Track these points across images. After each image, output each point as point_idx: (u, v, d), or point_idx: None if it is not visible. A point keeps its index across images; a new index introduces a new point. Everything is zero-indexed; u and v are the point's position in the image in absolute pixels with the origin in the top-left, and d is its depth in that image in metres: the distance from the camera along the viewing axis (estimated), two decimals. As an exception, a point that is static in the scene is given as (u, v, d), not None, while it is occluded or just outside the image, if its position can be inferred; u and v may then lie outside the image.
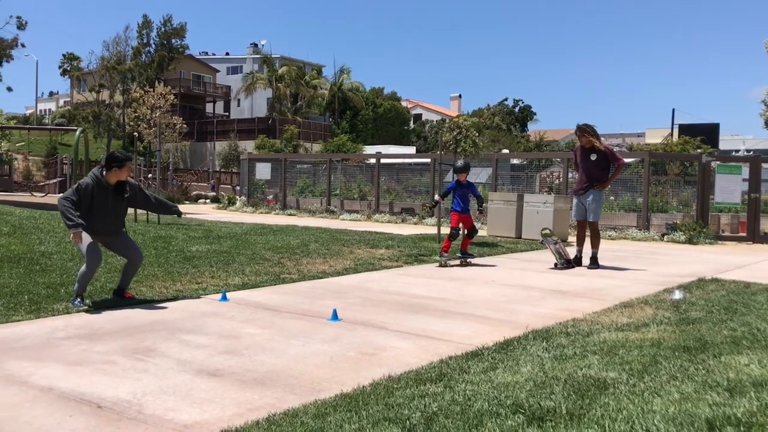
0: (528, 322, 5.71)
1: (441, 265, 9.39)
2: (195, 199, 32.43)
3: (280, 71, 57.49)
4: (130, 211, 6.83)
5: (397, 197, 22.59)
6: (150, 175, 30.16)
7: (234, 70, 69.45)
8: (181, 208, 10.95)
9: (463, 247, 9.91)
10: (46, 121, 70.28)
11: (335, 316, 5.78)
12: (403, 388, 3.72)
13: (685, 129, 41.23)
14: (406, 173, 24.61)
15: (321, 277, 8.22)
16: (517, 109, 69.92)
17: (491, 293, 7.37)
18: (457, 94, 76.95)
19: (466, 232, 9.92)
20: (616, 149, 11.24)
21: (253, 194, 25.58)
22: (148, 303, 6.31)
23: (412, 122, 66.54)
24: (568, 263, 9.68)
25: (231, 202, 26.20)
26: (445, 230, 12.32)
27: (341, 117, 60.78)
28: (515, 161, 25.27)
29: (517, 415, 3.03)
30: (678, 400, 3.17)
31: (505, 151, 35.73)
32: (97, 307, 6.03)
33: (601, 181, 9.78)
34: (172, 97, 14.54)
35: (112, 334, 5.13)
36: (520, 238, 14.46)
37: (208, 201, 31.96)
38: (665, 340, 4.64)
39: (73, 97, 67.14)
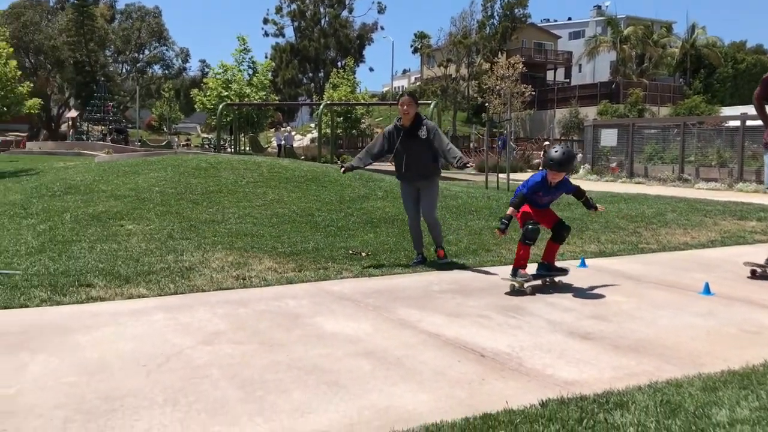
0: None
1: (514, 291, 5.50)
2: (536, 168, 32.82)
3: (625, 32, 54.63)
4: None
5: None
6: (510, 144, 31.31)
7: (575, 35, 67.96)
8: (524, 176, 11.07)
9: (547, 257, 5.84)
10: (401, 97, 76.89)
11: (707, 290, 5.40)
12: (805, 372, 3.34)
13: None
14: (776, 137, 21.61)
15: (683, 249, 7.74)
16: None
17: None
18: (843, 42, 64.90)
19: (552, 232, 5.85)
20: None
21: (597, 162, 24.94)
22: (508, 265, 6.60)
23: (782, 78, 57.95)
24: None
25: (574, 170, 25.93)
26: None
27: (693, 77, 55.63)
28: None
29: None
30: None
31: None
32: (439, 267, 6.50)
33: None
34: (520, 65, 14.78)
35: (480, 291, 5.49)
36: None
37: (549, 169, 32.08)
38: None
39: (422, 73, 72.38)
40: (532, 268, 5.70)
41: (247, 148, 34.25)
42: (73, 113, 53.64)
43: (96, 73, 57.73)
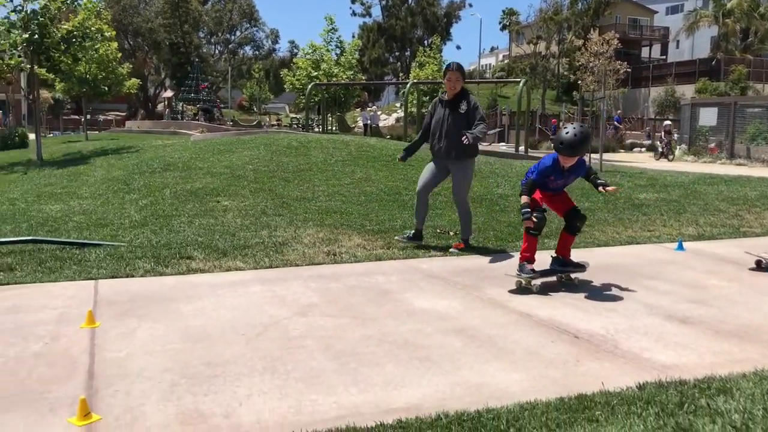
0: None
1: (520, 288, 4.87)
2: (629, 148, 31.68)
3: (728, 5, 51.73)
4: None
5: None
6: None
7: (673, 10, 64.90)
8: (616, 156, 10.71)
9: (561, 251, 5.20)
10: (488, 75, 75.88)
11: (817, 277, 5.11)
12: None
13: None
14: None
15: (790, 233, 7.34)
16: None
17: None
18: None
19: (564, 221, 5.25)
20: None
21: (694, 142, 23.86)
22: (603, 247, 6.45)
23: None
24: None
25: (670, 151, 24.87)
26: None
27: (805, 51, 52.16)
28: None
29: None
30: None
31: None
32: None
33: None
34: (615, 41, 14.24)
35: (573, 272, 5.37)
36: None
37: (643, 150, 30.92)
38: None
39: (511, 51, 70.96)
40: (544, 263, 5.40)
41: (335, 128, 34.66)
42: (169, 93, 55.77)
43: (190, 54, 59.73)
